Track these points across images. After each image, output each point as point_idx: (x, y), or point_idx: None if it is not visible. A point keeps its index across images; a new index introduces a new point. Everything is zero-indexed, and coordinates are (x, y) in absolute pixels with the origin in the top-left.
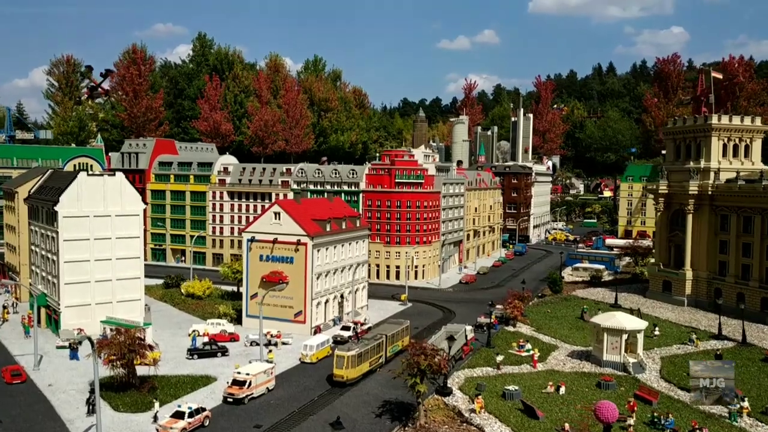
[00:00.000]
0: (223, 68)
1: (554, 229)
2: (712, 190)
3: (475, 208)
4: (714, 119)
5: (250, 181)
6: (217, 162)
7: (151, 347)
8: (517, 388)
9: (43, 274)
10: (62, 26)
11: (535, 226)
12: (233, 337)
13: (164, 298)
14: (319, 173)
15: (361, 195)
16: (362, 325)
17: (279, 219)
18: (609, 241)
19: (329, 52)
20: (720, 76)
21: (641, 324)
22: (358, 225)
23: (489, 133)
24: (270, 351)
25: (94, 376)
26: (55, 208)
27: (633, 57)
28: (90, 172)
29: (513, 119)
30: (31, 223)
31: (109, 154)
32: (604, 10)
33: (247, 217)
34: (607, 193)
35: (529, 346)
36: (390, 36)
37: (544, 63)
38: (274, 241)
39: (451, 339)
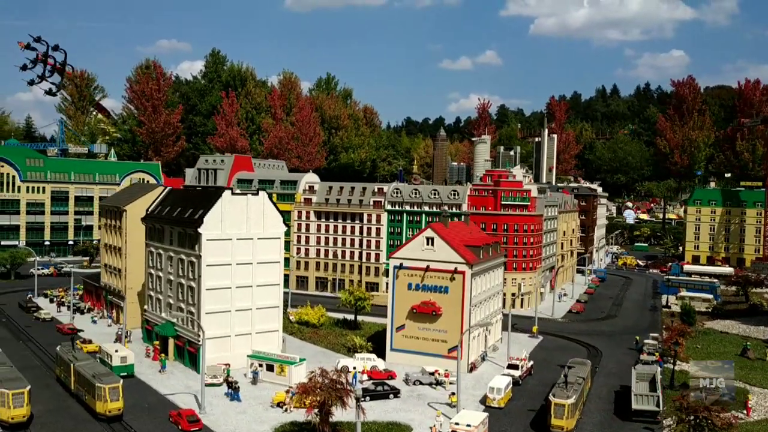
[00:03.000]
0: (236, 85)
1: (620, 253)
2: None
3: (564, 232)
4: None
5: (338, 200)
6: (302, 180)
7: (350, 391)
8: None
9: (170, 301)
10: (64, 41)
11: (596, 250)
12: (390, 375)
13: None
14: (416, 193)
15: (463, 218)
16: (524, 361)
17: (432, 245)
18: (688, 267)
19: (333, 70)
20: None
21: None
22: (498, 251)
23: (512, 152)
24: (453, 394)
25: None
26: (199, 230)
27: (633, 79)
28: (234, 191)
29: (537, 139)
30: (151, 244)
31: (185, 170)
32: (605, 33)
33: (335, 239)
34: (643, 216)
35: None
36: (392, 55)
37: (547, 84)
38: (427, 269)
39: (685, 387)
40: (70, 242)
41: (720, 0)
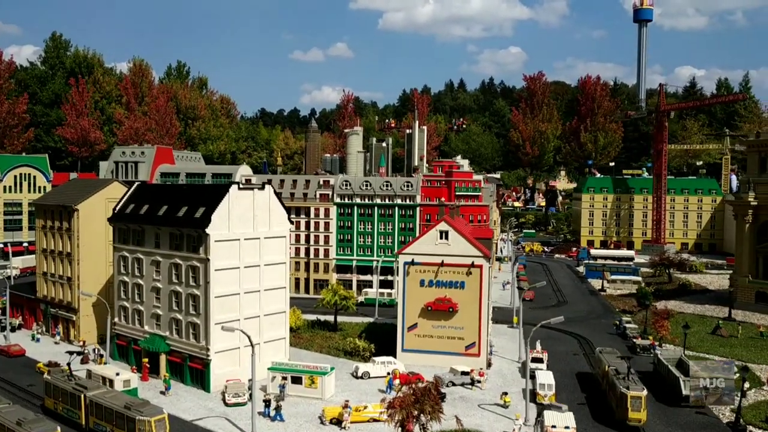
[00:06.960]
0: (82, 72)
1: (517, 240)
2: None
3: (495, 221)
4: None
5: (280, 194)
6: (237, 173)
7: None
8: None
9: (158, 312)
10: None
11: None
12: (418, 378)
13: None
14: (367, 186)
15: (418, 210)
16: (545, 354)
17: (446, 239)
18: (594, 251)
19: (183, 58)
20: None
21: None
22: (492, 243)
23: (384, 144)
24: (505, 394)
25: None
26: (207, 231)
27: (477, 74)
28: (242, 185)
29: (408, 131)
30: (122, 248)
31: (99, 162)
32: (450, 29)
33: None
34: (517, 204)
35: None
36: (243, 44)
37: (397, 78)
38: (441, 264)
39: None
40: None
41: (552, 1)
